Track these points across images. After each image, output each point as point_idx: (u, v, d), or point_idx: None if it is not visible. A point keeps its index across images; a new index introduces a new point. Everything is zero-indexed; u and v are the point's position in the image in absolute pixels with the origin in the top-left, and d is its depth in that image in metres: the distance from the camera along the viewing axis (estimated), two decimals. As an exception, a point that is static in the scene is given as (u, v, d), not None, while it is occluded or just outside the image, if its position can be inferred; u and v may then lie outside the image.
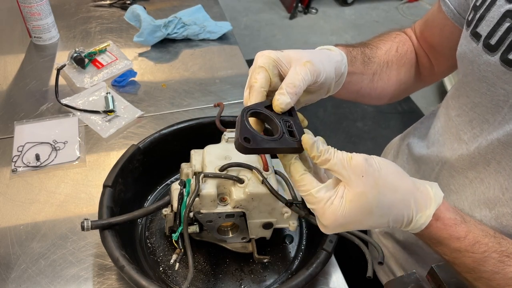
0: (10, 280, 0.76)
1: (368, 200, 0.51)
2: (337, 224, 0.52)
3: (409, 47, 0.82)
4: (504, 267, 0.54)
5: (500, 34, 0.58)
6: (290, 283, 0.67)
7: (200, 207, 0.72)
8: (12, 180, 0.91)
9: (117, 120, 1.06)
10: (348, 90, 0.70)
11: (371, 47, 0.77)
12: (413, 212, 0.53)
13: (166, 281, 0.77)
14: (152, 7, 1.42)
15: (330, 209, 0.51)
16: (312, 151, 0.52)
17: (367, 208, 0.51)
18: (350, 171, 0.51)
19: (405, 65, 0.80)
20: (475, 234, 0.55)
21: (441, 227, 0.54)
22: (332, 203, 0.51)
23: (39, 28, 1.25)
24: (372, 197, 0.51)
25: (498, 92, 0.60)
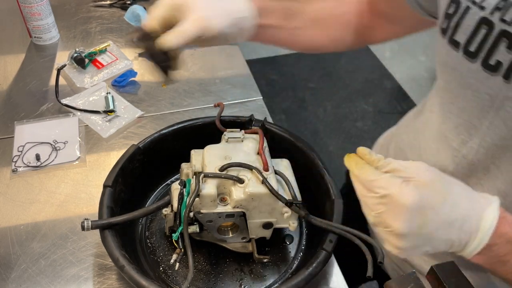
0: (10, 280, 0.76)
1: (439, 188, 0.51)
2: (416, 207, 0.50)
3: (348, 8, 0.81)
4: None
5: (478, 41, 0.58)
6: (290, 283, 0.67)
7: (200, 207, 0.72)
8: (12, 180, 0.92)
9: (117, 120, 1.06)
10: (264, 39, 0.74)
11: (303, 2, 0.76)
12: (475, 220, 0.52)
13: (166, 281, 0.77)
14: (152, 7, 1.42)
15: (408, 187, 0.50)
16: (372, 156, 0.53)
17: (441, 194, 0.51)
18: (415, 166, 0.52)
19: (338, 25, 0.80)
20: None
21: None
22: (408, 184, 0.51)
23: (39, 28, 1.25)
24: (441, 186, 0.51)
25: (483, 97, 0.60)
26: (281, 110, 2.65)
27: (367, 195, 0.53)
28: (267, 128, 0.89)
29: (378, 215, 0.52)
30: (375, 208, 0.52)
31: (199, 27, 0.63)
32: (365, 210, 0.55)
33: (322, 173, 0.82)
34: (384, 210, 0.52)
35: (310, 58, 3.02)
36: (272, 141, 0.87)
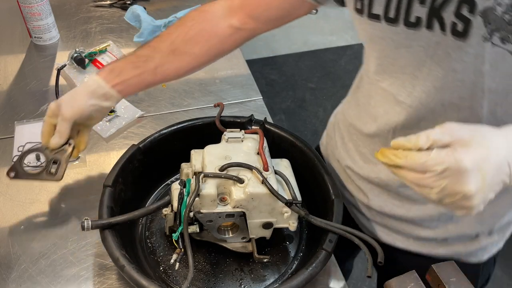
0: (10, 280, 0.76)
1: (479, 139, 0.54)
2: (474, 166, 0.52)
3: (206, 24, 0.86)
4: None
5: (395, 7, 0.64)
6: (290, 283, 0.67)
7: (200, 207, 0.72)
8: (12, 180, 0.91)
9: (117, 120, 1.06)
10: (134, 90, 0.85)
11: (151, 46, 0.84)
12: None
13: (166, 281, 0.77)
14: (152, 7, 1.42)
15: (459, 153, 0.53)
16: (410, 142, 0.56)
17: (484, 144, 0.54)
18: (448, 130, 0.54)
19: (200, 42, 0.85)
20: None
21: None
22: (456, 149, 0.53)
23: (39, 28, 1.25)
24: (480, 137, 0.54)
25: (417, 50, 0.66)
26: (281, 110, 2.65)
27: (424, 177, 0.55)
28: (267, 128, 0.89)
29: (441, 190, 0.54)
30: (436, 184, 0.54)
31: (69, 122, 0.80)
32: (424, 191, 0.56)
33: (322, 173, 0.82)
34: (447, 182, 0.54)
35: (310, 58, 3.03)
36: (272, 141, 0.87)
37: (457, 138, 0.54)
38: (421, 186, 0.56)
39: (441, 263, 0.65)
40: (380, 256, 0.69)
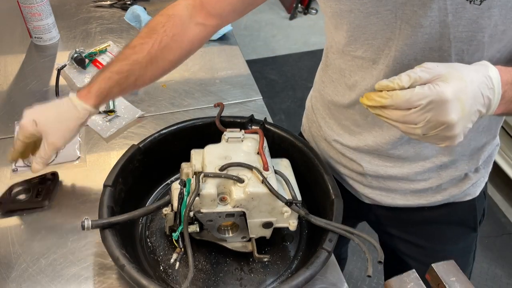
0: (10, 279, 0.76)
1: (455, 73, 0.59)
2: (454, 97, 0.57)
3: (176, 29, 0.86)
4: None
5: None
6: (290, 283, 0.67)
7: (200, 207, 0.72)
8: (12, 180, 0.92)
9: (117, 120, 1.06)
10: (108, 100, 0.90)
11: (129, 59, 0.84)
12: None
13: (167, 280, 0.77)
14: (152, 8, 1.42)
15: (440, 86, 0.58)
16: (393, 82, 0.60)
17: (459, 77, 0.59)
18: (426, 68, 0.60)
19: (174, 49, 0.86)
20: None
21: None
22: (437, 83, 0.58)
23: (39, 28, 1.25)
24: (455, 71, 0.59)
25: (385, 14, 0.69)
26: (281, 110, 2.65)
27: (409, 113, 0.59)
28: (267, 128, 0.89)
29: (426, 122, 0.59)
30: (421, 118, 0.59)
31: (54, 149, 0.81)
32: (409, 128, 0.60)
33: (322, 172, 0.82)
34: (432, 114, 0.58)
35: (310, 59, 3.02)
36: (272, 141, 0.87)
37: (436, 74, 0.59)
38: (406, 122, 0.60)
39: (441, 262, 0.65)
40: (380, 255, 0.69)
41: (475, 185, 0.91)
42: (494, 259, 1.99)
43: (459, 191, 0.89)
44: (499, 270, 1.96)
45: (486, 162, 0.90)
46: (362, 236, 0.72)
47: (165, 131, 0.88)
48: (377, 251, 0.70)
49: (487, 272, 1.96)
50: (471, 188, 0.90)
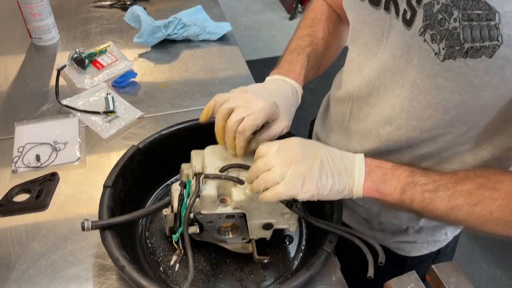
0: (10, 280, 0.76)
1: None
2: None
3: (333, 15, 0.93)
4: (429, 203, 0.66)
5: None
6: (290, 283, 0.67)
7: (201, 208, 0.72)
8: (12, 180, 0.92)
9: (117, 121, 1.06)
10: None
11: (312, 47, 0.87)
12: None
13: (167, 281, 0.77)
14: (152, 8, 1.42)
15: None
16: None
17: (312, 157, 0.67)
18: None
19: (338, 32, 0.93)
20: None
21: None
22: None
23: (39, 29, 1.25)
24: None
25: (375, 29, 0.69)
26: (281, 110, 2.65)
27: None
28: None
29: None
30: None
31: (282, 131, 0.76)
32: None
33: (322, 173, 0.82)
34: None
35: (310, 59, 3.02)
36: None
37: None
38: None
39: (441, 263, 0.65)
40: (381, 256, 0.69)
41: (413, 245, 0.91)
42: (494, 260, 1.99)
43: (393, 239, 0.90)
44: (499, 271, 1.96)
45: (433, 231, 0.89)
46: (362, 238, 0.72)
47: (165, 132, 0.88)
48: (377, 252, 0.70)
49: (487, 273, 1.96)
50: (407, 245, 0.90)
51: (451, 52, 0.58)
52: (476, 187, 0.64)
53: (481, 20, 0.54)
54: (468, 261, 2.00)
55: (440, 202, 0.65)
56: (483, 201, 0.63)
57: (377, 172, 0.68)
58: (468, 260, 2.00)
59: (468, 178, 0.65)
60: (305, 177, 0.65)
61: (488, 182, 0.64)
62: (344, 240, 0.74)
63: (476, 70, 0.58)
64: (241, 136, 0.71)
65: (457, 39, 0.57)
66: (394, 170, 0.68)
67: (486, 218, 0.63)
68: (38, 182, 0.90)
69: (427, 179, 0.66)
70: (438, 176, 0.67)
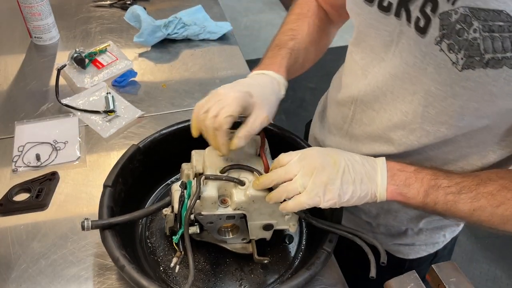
0: (10, 280, 0.76)
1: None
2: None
3: (320, 11, 0.91)
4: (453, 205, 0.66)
5: None
6: (290, 283, 0.67)
7: (201, 209, 0.72)
8: (12, 180, 0.92)
9: (117, 120, 1.06)
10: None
11: (295, 41, 0.85)
12: None
13: (167, 281, 0.77)
14: (152, 8, 1.42)
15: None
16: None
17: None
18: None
19: (324, 29, 0.91)
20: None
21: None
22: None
23: (39, 28, 1.25)
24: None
25: (383, 34, 0.69)
26: (281, 110, 2.65)
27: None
28: (267, 128, 0.88)
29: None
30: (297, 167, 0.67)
31: (262, 123, 0.72)
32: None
33: (322, 173, 0.82)
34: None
35: (310, 58, 3.03)
36: (273, 141, 0.87)
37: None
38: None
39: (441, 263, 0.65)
40: (383, 256, 0.69)
41: (412, 248, 0.91)
42: (494, 260, 1.99)
43: (392, 242, 0.90)
44: (499, 271, 1.96)
45: (432, 233, 0.89)
46: (363, 238, 0.72)
47: (165, 131, 0.88)
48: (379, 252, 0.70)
49: (487, 273, 1.96)
50: (406, 248, 0.91)
51: (470, 62, 0.57)
52: (499, 189, 0.64)
53: (503, 32, 0.54)
54: (468, 261, 2.00)
55: (463, 204, 0.65)
56: (505, 202, 0.64)
57: (400, 176, 0.68)
58: (468, 260, 2.00)
59: (490, 180, 0.66)
60: (326, 186, 0.65)
61: (511, 184, 0.65)
62: (344, 240, 0.73)
63: (496, 80, 0.57)
64: (219, 132, 0.69)
65: (477, 50, 0.56)
66: (417, 173, 0.68)
67: (508, 218, 0.64)
68: (38, 181, 0.90)
69: (449, 181, 0.66)
70: (460, 178, 0.67)
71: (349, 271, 0.81)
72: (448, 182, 0.66)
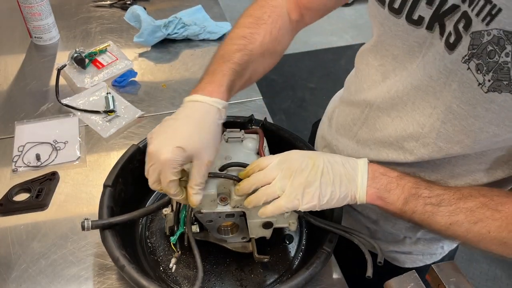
0: (10, 279, 0.76)
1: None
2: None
3: (281, 19, 0.83)
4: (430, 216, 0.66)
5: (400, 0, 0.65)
6: (290, 283, 0.67)
7: (201, 207, 0.72)
8: (12, 180, 0.92)
9: (117, 120, 1.06)
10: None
11: (247, 49, 0.77)
12: None
13: (167, 281, 0.77)
14: (152, 8, 1.42)
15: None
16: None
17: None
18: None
19: (281, 41, 0.84)
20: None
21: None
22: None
23: (39, 28, 1.25)
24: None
25: (412, 44, 0.67)
26: (281, 110, 2.65)
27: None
28: (267, 128, 0.89)
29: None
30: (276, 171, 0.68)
31: (209, 168, 0.67)
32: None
33: (322, 173, 0.82)
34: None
35: (310, 59, 3.02)
36: (272, 141, 0.87)
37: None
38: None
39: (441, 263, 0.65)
40: (380, 256, 0.69)
41: (408, 256, 0.90)
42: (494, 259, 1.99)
43: (387, 249, 0.89)
44: (499, 270, 1.96)
45: (429, 243, 0.88)
46: (362, 237, 0.72)
47: (165, 131, 0.88)
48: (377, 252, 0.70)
49: (487, 273, 1.96)
50: (402, 256, 0.90)
51: (497, 85, 0.57)
52: (478, 206, 0.64)
53: None
54: (468, 261, 2.00)
55: (440, 216, 0.65)
56: (484, 220, 0.63)
57: (381, 180, 0.68)
58: (468, 260, 2.00)
59: (471, 196, 0.65)
60: (304, 188, 0.65)
61: (491, 202, 0.64)
62: (343, 240, 0.74)
63: None
64: (169, 192, 0.66)
65: (507, 74, 0.55)
66: (399, 179, 0.68)
67: (483, 236, 0.64)
68: (38, 181, 0.90)
69: (430, 192, 0.66)
70: (442, 190, 0.67)
71: (349, 271, 0.81)
72: (429, 193, 0.66)
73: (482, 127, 0.62)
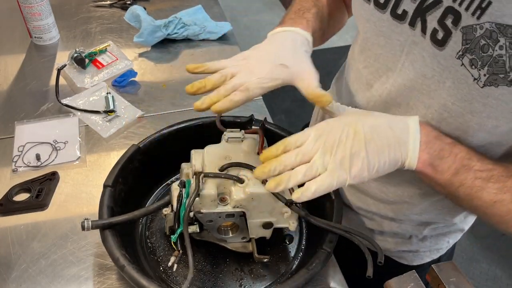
0: (10, 280, 0.76)
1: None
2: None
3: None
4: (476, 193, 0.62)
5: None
6: (290, 283, 0.67)
7: (200, 207, 0.72)
8: (12, 180, 0.92)
9: (117, 120, 1.06)
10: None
11: (316, 8, 0.80)
12: None
13: (167, 281, 0.77)
14: (152, 8, 1.42)
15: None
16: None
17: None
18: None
19: (339, 7, 0.88)
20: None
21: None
22: None
23: (39, 28, 1.25)
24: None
25: (394, 43, 0.67)
26: (281, 110, 2.65)
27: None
28: (267, 128, 0.89)
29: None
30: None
31: (315, 79, 0.69)
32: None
33: (322, 173, 0.82)
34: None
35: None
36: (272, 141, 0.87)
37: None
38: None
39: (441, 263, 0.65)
40: (380, 256, 0.69)
41: (416, 254, 0.90)
42: (494, 259, 2.00)
43: (395, 248, 0.89)
44: (499, 270, 1.96)
45: (437, 239, 0.88)
46: (362, 237, 0.72)
47: (165, 131, 0.88)
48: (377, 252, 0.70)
49: (487, 273, 1.96)
50: (410, 254, 0.89)
51: (493, 79, 0.56)
52: None
53: None
54: (468, 261, 2.00)
55: (487, 193, 0.60)
56: None
57: (435, 144, 0.62)
58: (468, 260, 2.00)
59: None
60: (350, 160, 0.59)
61: None
62: (344, 240, 0.74)
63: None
64: (243, 93, 0.64)
65: (502, 67, 0.55)
66: (452, 146, 0.62)
67: None
68: (38, 181, 0.90)
69: (482, 165, 0.61)
70: (492, 165, 0.62)
71: (349, 271, 0.81)
72: (481, 166, 0.61)
73: (480, 123, 0.61)
